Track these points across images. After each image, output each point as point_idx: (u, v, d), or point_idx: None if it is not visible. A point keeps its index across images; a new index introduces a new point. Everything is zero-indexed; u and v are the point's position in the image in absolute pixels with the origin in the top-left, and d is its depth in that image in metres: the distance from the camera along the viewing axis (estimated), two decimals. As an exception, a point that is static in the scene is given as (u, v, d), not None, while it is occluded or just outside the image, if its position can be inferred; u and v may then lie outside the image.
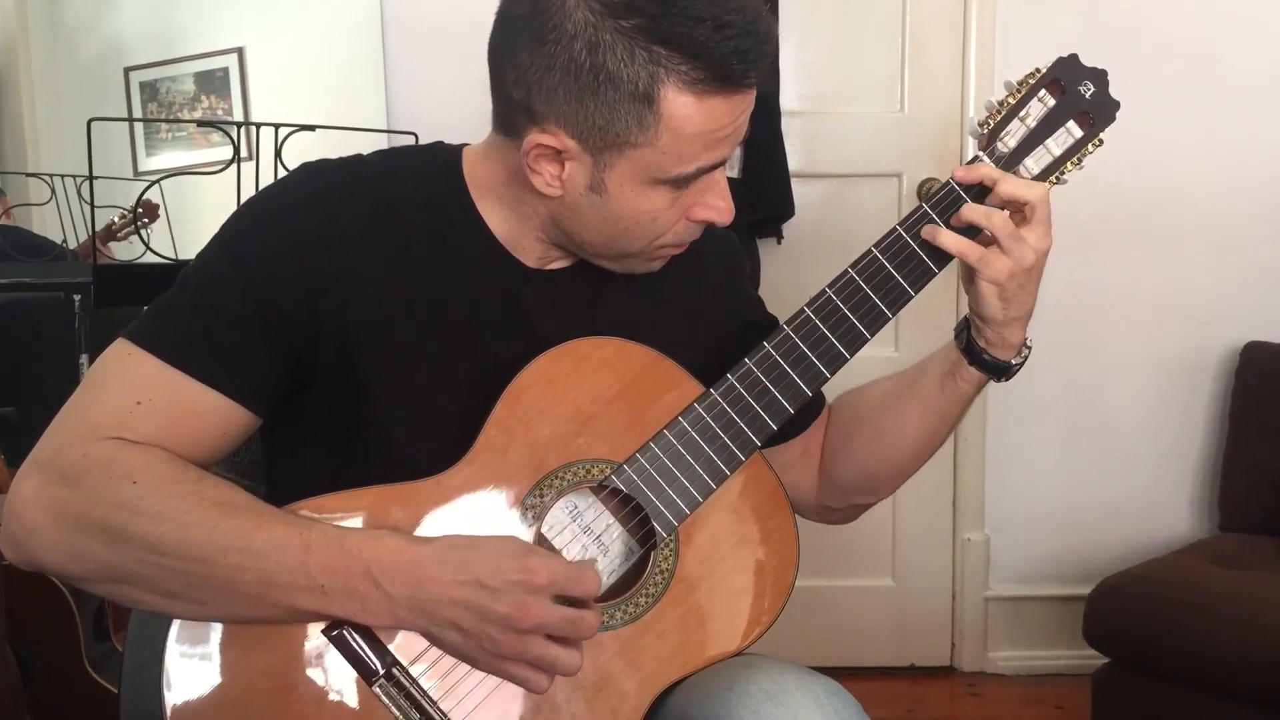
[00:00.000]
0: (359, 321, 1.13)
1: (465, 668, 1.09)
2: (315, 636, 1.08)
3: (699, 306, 1.28)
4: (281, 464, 1.23)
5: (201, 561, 1.03)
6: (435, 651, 1.08)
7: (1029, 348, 1.22)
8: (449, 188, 1.18)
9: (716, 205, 1.14)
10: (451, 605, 1.03)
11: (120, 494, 1.03)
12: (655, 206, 1.11)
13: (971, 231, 1.17)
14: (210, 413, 1.10)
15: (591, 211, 1.11)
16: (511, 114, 1.10)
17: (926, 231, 1.17)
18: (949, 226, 1.17)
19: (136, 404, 1.08)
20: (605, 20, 1.02)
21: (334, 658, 1.07)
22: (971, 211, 1.16)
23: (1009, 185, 1.16)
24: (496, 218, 1.18)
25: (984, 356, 1.21)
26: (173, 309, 1.12)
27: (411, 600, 1.04)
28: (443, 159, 1.21)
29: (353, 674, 1.07)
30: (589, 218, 1.12)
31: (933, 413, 1.26)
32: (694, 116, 1.05)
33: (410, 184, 1.18)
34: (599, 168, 1.08)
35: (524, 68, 1.06)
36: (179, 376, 1.09)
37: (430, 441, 1.13)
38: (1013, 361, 1.22)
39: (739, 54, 1.03)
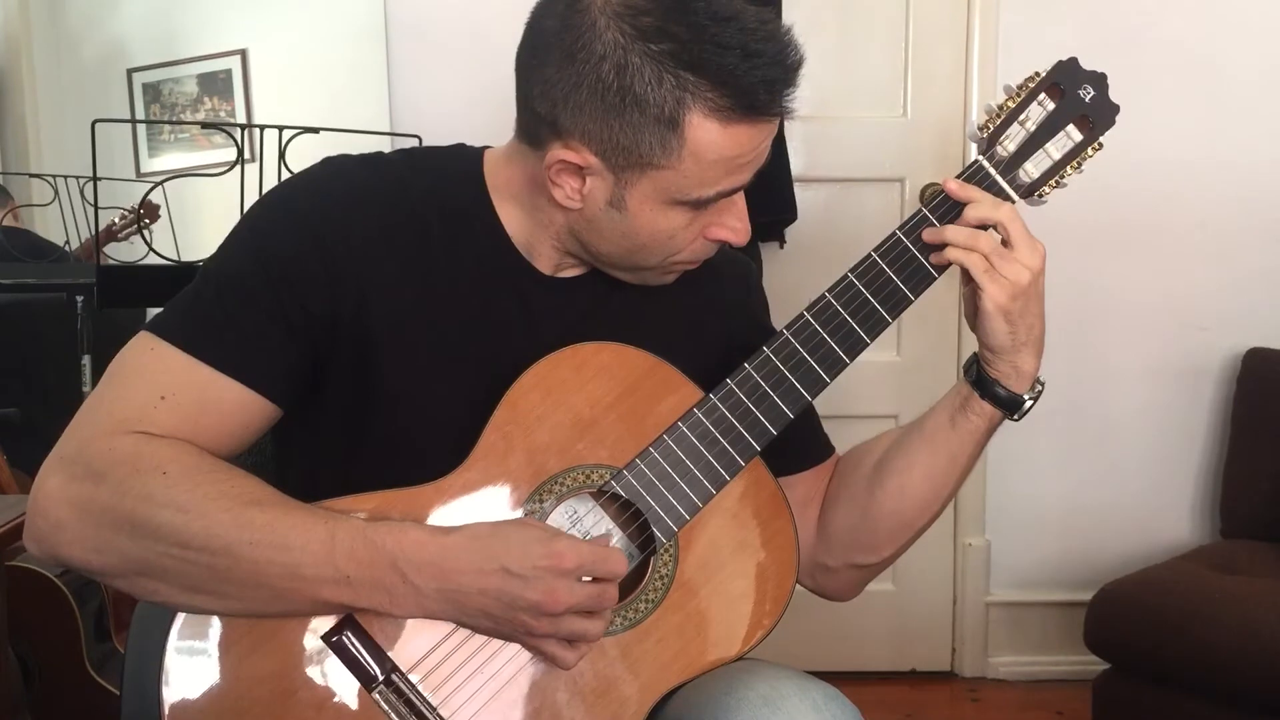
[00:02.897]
0: (375, 318, 1.13)
1: (465, 674, 1.09)
2: (315, 642, 1.08)
3: (706, 321, 1.27)
4: (292, 462, 1.23)
5: (227, 554, 1.03)
6: (434, 658, 1.09)
7: (1042, 384, 1.20)
8: (469, 189, 1.19)
9: (733, 226, 1.14)
10: (481, 595, 1.04)
11: (149, 486, 1.04)
12: (673, 225, 1.12)
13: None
14: (234, 405, 1.11)
15: (610, 226, 1.12)
16: (535, 126, 1.11)
17: (929, 234, 1.17)
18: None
19: (161, 398, 1.08)
20: (635, 43, 1.03)
21: (334, 663, 1.08)
22: (956, 234, 1.15)
23: (975, 210, 1.16)
24: (514, 222, 1.18)
25: (995, 389, 1.19)
26: (196, 303, 1.13)
27: (440, 592, 1.05)
28: (464, 161, 1.21)
29: (352, 680, 1.08)
30: (607, 232, 1.13)
31: (942, 451, 1.22)
32: (717, 143, 1.06)
33: (431, 183, 1.18)
34: (620, 185, 1.09)
35: (551, 82, 1.07)
36: (204, 369, 1.09)
37: (439, 443, 1.14)
38: (1025, 396, 1.19)
39: (766, 83, 1.05)
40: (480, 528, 1.08)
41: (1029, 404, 1.19)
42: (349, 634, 1.07)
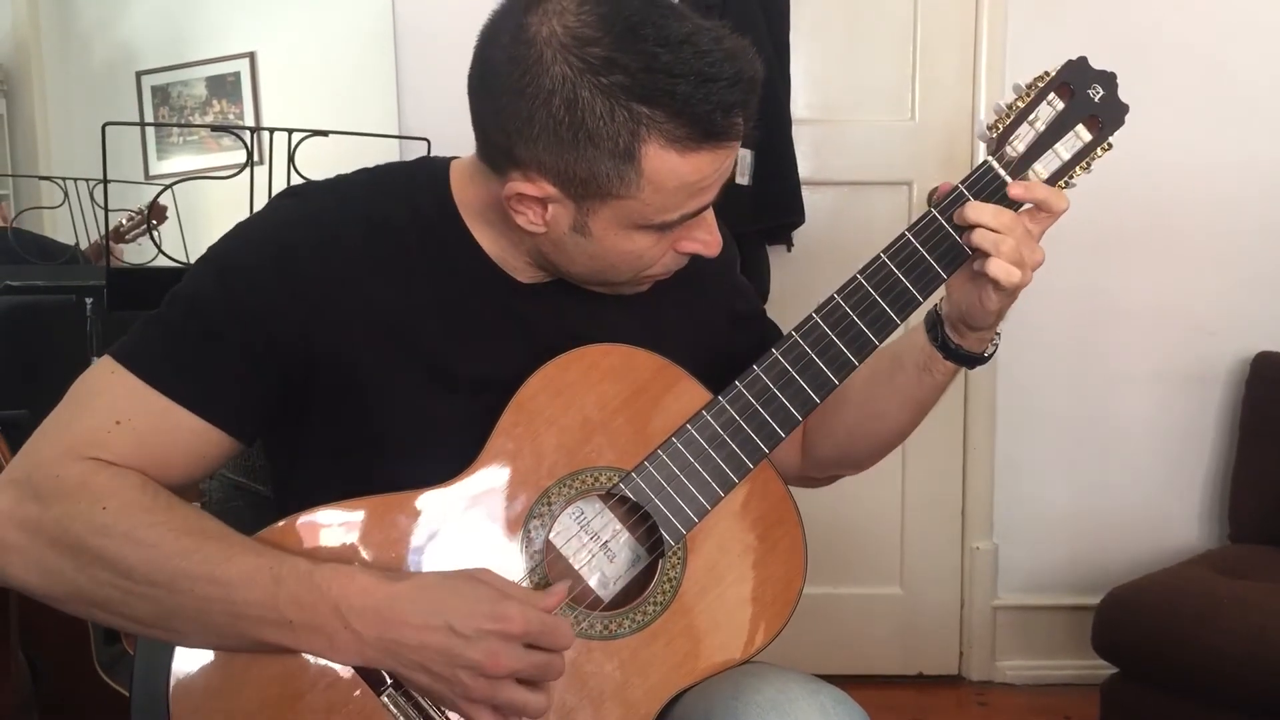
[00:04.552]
0: (356, 338, 1.12)
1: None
2: (323, 643, 1.08)
3: (691, 304, 1.27)
4: (287, 475, 1.22)
5: (169, 590, 1.03)
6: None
7: (999, 334, 1.23)
8: (438, 205, 1.18)
9: (703, 239, 1.14)
10: (422, 649, 1.03)
11: (91, 519, 1.03)
12: (639, 247, 1.11)
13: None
14: (189, 436, 1.10)
15: (576, 249, 1.12)
16: (492, 153, 1.10)
17: (961, 215, 1.15)
18: (956, 227, 1.16)
19: (115, 423, 1.08)
20: (584, 77, 1.00)
21: (342, 666, 1.07)
22: (979, 211, 1.14)
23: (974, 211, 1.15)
24: (486, 237, 1.18)
25: (960, 352, 1.22)
26: (159, 330, 1.12)
27: (380, 640, 1.03)
28: (430, 176, 1.20)
29: (361, 683, 1.08)
30: (574, 254, 1.12)
31: (911, 401, 1.28)
32: (677, 171, 1.04)
33: (399, 201, 1.17)
34: (582, 213, 1.08)
35: (504, 115, 1.05)
36: (159, 399, 1.09)
37: (432, 453, 1.13)
38: (985, 353, 1.23)
39: (723, 108, 1.02)
40: (429, 578, 1.06)
41: (989, 357, 1.24)
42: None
